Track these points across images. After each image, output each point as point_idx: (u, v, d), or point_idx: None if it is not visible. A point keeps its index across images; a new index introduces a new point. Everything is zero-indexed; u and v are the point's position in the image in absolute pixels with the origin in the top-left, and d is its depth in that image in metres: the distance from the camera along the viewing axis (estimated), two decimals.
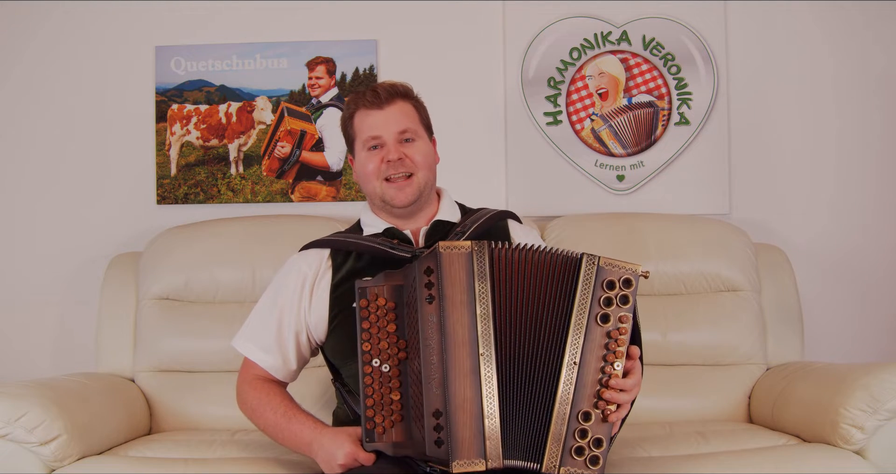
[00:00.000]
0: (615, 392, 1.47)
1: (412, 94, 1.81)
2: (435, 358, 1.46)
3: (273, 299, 1.79)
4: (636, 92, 2.76)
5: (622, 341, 1.49)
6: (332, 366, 1.79)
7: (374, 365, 1.51)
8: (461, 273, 1.49)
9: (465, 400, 1.44)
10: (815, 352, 2.62)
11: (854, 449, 1.87)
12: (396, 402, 1.50)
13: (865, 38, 2.75)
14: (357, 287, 1.54)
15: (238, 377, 1.82)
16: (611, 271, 1.51)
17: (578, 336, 1.48)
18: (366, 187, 1.80)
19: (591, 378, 1.48)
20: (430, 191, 1.80)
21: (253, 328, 1.80)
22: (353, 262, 1.75)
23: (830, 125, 2.76)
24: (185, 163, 2.78)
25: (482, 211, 1.86)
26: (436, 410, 1.44)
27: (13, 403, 1.84)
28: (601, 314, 1.49)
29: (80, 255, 2.75)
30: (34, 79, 2.79)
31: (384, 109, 1.74)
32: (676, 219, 2.58)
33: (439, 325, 1.46)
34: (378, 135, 1.74)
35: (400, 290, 1.54)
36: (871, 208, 2.75)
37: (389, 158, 1.73)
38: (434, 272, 1.49)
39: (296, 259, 1.81)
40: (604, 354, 1.49)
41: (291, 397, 1.76)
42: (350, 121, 1.79)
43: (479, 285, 1.49)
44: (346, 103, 1.78)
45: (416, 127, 1.78)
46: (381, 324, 1.53)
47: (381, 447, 1.51)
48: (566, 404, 1.47)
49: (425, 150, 1.78)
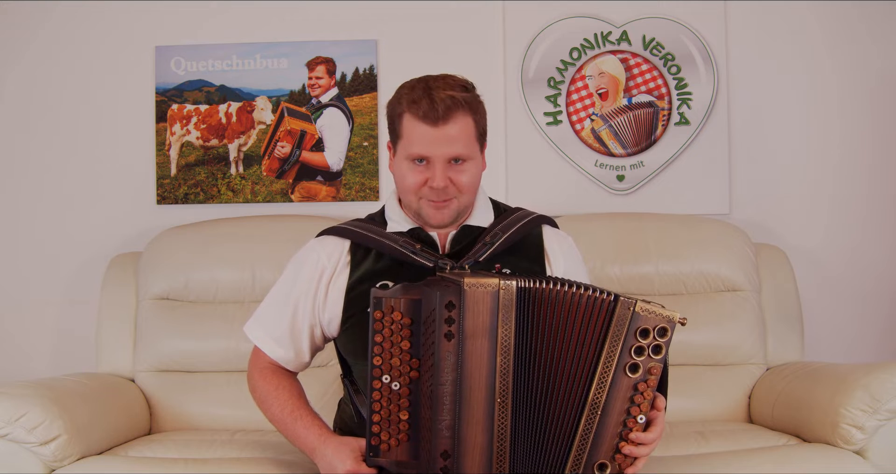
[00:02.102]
0: (634, 446, 1.41)
1: (474, 102, 1.62)
2: (447, 401, 1.40)
3: (289, 289, 1.71)
4: (636, 92, 2.76)
5: (648, 394, 1.41)
6: (342, 361, 1.76)
7: (384, 382, 1.44)
8: (484, 313, 1.40)
9: (475, 447, 1.40)
10: (815, 352, 2.62)
11: (854, 449, 1.87)
12: (404, 422, 1.45)
13: (865, 38, 2.75)
14: (373, 296, 1.45)
15: (249, 362, 1.77)
16: (646, 319, 1.40)
17: (604, 385, 1.40)
18: (402, 195, 1.68)
19: (612, 430, 1.41)
20: (468, 209, 1.69)
21: (267, 316, 1.74)
22: (373, 262, 1.66)
23: (830, 125, 2.76)
24: (185, 163, 2.78)
25: (516, 215, 1.73)
26: (444, 451, 1.40)
27: (13, 403, 1.84)
28: (630, 364, 1.40)
29: (80, 255, 2.75)
30: (34, 79, 2.79)
31: (438, 128, 1.56)
32: (676, 219, 2.58)
33: (456, 365, 1.40)
34: (427, 155, 1.58)
35: (417, 306, 1.44)
36: (871, 208, 2.75)
37: (434, 185, 1.59)
38: (456, 308, 1.40)
39: (314, 245, 1.72)
40: (628, 406, 1.41)
41: (301, 390, 1.72)
42: (398, 119, 1.61)
43: (503, 329, 1.41)
44: (397, 93, 1.62)
45: (469, 148, 1.61)
46: (395, 340, 1.45)
47: (384, 463, 1.46)
48: (582, 454, 1.41)
49: (473, 171, 1.63)
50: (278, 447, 2.03)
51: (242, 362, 2.32)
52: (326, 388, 2.31)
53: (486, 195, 1.77)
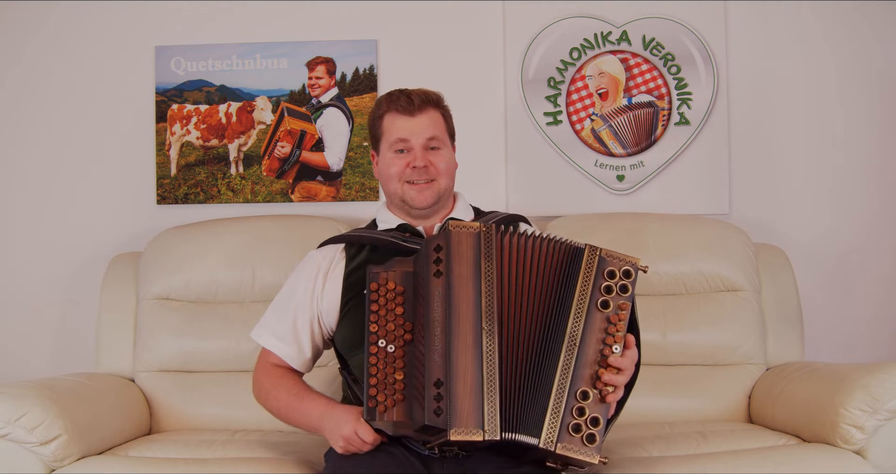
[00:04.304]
0: (612, 373, 1.52)
1: (442, 102, 1.89)
2: (439, 331, 1.51)
3: (290, 291, 1.86)
4: (636, 92, 2.76)
5: (621, 326, 1.55)
6: (340, 357, 1.84)
7: (379, 346, 1.57)
8: (469, 251, 1.56)
9: (466, 372, 1.48)
10: (815, 352, 2.62)
11: (854, 449, 1.87)
12: (399, 382, 1.55)
13: (865, 38, 2.75)
14: (369, 272, 1.62)
15: (255, 368, 1.88)
16: (612, 262, 1.58)
17: (579, 318, 1.54)
18: (387, 187, 1.88)
19: (591, 358, 1.53)
20: (448, 195, 1.89)
21: (269, 320, 1.88)
22: (367, 253, 1.82)
23: (830, 125, 2.76)
24: (185, 163, 2.78)
25: (495, 212, 1.94)
26: (437, 380, 1.48)
27: (13, 403, 1.84)
28: (601, 300, 1.55)
29: (80, 255, 2.75)
30: (34, 79, 2.79)
31: (415, 117, 1.83)
32: (676, 219, 2.58)
33: (445, 299, 1.53)
34: (407, 139, 1.82)
35: (410, 276, 1.61)
36: (872, 208, 2.75)
37: (415, 164, 1.82)
38: (443, 249, 1.56)
39: (313, 254, 1.90)
40: (603, 337, 1.54)
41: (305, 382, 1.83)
42: (379, 121, 1.87)
43: (486, 264, 1.55)
44: (377, 102, 1.89)
45: (442, 135, 1.87)
46: (390, 306, 1.59)
47: (381, 425, 1.55)
48: (565, 382, 1.51)
49: (448, 158, 1.87)
50: (278, 447, 2.04)
51: (242, 362, 2.34)
52: (326, 388, 2.30)
53: (467, 201, 1.96)
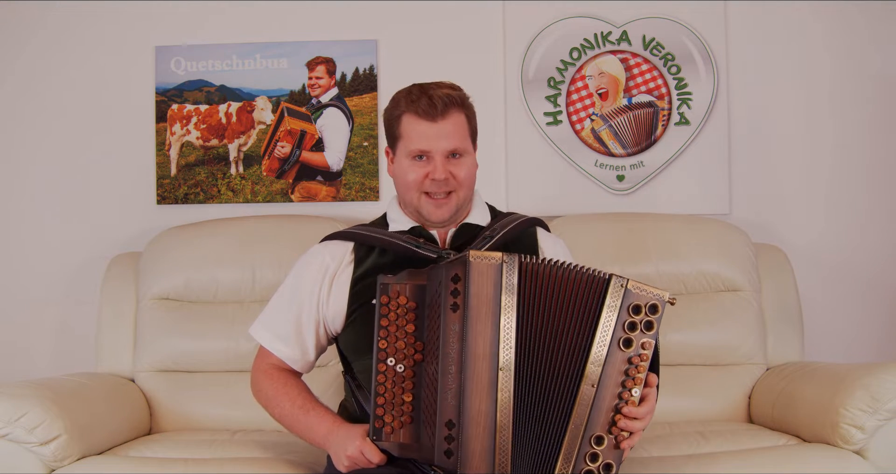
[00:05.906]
0: (629, 420, 1.45)
1: (467, 101, 1.72)
2: (453, 369, 1.44)
3: (293, 289, 1.75)
4: (636, 92, 2.76)
5: (642, 368, 1.46)
6: (343, 359, 1.77)
7: (388, 365, 1.49)
8: (489, 285, 1.46)
9: (479, 414, 1.43)
10: (815, 352, 2.62)
11: (854, 449, 1.87)
12: (408, 404, 1.48)
13: (864, 38, 2.75)
14: (379, 282, 1.51)
15: (253, 365, 1.79)
16: (638, 296, 1.48)
17: (599, 359, 1.46)
18: (402, 193, 1.74)
19: (608, 403, 1.46)
20: (466, 204, 1.76)
21: (271, 317, 1.77)
22: (377, 258, 1.71)
23: (830, 125, 2.76)
24: (185, 163, 2.78)
25: (512, 216, 1.81)
26: (449, 420, 1.43)
27: (13, 403, 1.84)
28: (624, 338, 1.46)
29: (80, 255, 2.75)
30: (34, 78, 2.79)
31: (437, 123, 1.66)
32: (676, 219, 2.58)
33: (461, 335, 1.45)
34: (428, 150, 1.67)
35: (423, 291, 1.51)
36: (871, 208, 2.75)
37: (435, 177, 1.67)
38: (461, 280, 1.46)
39: (319, 248, 1.77)
40: (623, 380, 1.46)
41: (308, 388, 1.75)
42: (397, 122, 1.70)
43: (506, 299, 1.46)
44: (394, 99, 1.72)
45: (465, 143, 1.71)
46: (401, 323, 1.50)
47: (387, 446, 1.49)
48: (580, 426, 1.45)
49: (469, 165, 1.72)
50: (279, 447, 2.04)
51: (242, 362, 2.34)
52: (326, 388, 2.31)
53: (483, 200, 1.83)
